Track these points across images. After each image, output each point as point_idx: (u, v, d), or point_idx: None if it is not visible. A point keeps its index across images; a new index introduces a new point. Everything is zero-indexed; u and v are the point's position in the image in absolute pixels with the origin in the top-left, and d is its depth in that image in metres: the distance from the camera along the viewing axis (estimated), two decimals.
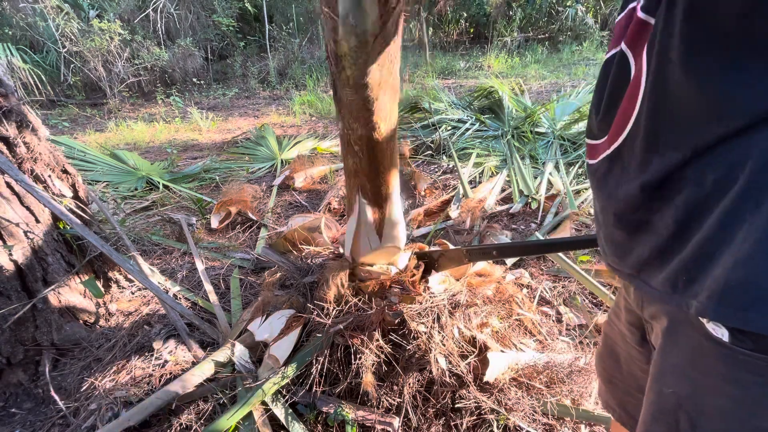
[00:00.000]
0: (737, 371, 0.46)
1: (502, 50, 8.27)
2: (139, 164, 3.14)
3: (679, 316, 0.53)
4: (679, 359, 0.53)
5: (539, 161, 3.14)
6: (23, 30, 6.02)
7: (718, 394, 0.49)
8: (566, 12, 8.88)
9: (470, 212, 2.35)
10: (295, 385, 1.30)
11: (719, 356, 0.47)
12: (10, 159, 1.44)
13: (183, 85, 6.86)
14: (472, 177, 3.00)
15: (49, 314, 1.47)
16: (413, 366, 1.23)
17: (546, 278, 1.91)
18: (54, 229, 1.54)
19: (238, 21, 7.61)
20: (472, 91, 4.62)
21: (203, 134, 4.59)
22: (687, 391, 0.52)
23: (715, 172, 0.46)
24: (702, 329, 0.48)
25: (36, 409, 1.40)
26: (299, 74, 6.98)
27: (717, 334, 0.46)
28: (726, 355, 0.46)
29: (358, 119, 1.01)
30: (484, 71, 7.20)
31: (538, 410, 1.23)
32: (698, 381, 0.51)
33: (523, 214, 2.51)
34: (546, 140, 3.44)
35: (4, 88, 1.45)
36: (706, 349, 0.48)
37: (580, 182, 2.77)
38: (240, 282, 1.90)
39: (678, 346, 0.53)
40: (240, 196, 2.56)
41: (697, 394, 0.51)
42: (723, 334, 0.45)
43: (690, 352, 0.51)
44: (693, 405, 0.52)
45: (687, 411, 0.53)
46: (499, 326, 1.37)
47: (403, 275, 1.32)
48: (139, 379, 1.36)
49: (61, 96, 6.12)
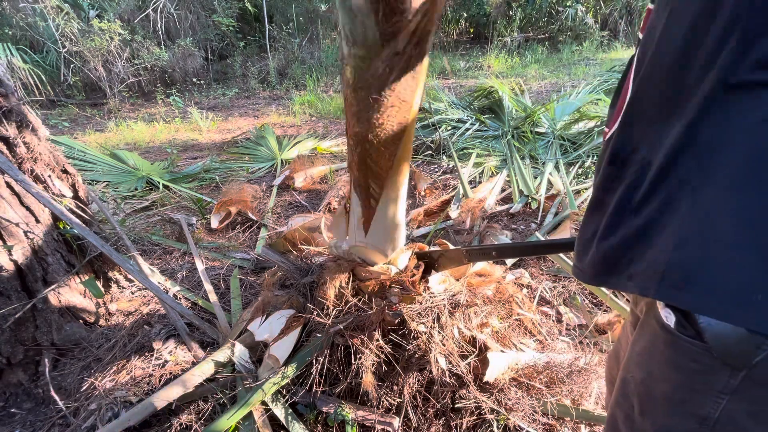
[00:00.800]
0: (680, 357, 0.47)
1: (502, 50, 8.26)
2: (139, 164, 3.14)
3: (650, 307, 0.54)
4: (641, 347, 0.55)
5: (539, 161, 3.14)
6: (23, 30, 6.02)
7: (663, 379, 0.50)
8: (566, 12, 8.88)
9: (470, 212, 2.35)
10: (295, 385, 1.30)
11: (667, 343, 0.49)
12: (10, 159, 1.44)
13: (183, 85, 6.86)
14: (472, 177, 3.00)
15: (49, 314, 1.47)
16: (413, 366, 1.23)
17: (546, 278, 1.91)
18: (54, 229, 1.54)
19: (238, 21, 7.61)
20: (472, 91, 4.61)
21: (203, 134, 4.59)
22: (641, 376, 0.54)
23: (659, 154, 0.48)
24: (658, 317, 0.50)
25: (36, 409, 1.40)
26: (299, 74, 6.98)
27: (667, 321, 0.48)
28: (672, 342, 0.48)
29: (355, 116, 1.01)
30: (484, 71, 7.20)
31: (538, 410, 1.23)
32: (650, 367, 0.53)
33: (523, 214, 2.51)
34: (546, 140, 3.44)
35: (4, 88, 1.45)
36: (659, 336, 0.50)
37: (580, 182, 2.77)
38: (240, 282, 1.90)
39: (643, 335, 0.55)
40: (240, 196, 2.56)
41: (647, 380, 0.53)
42: (671, 320, 0.47)
43: (648, 340, 0.53)
44: (644, 389, 0.54)
45: (639, 395, 0.55)
46: (499, 326, 1.37)
47: (403, 275, 1.31)
48: (139, 379, 1.36)
49: (61, 96, 6.11)
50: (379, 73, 0.89)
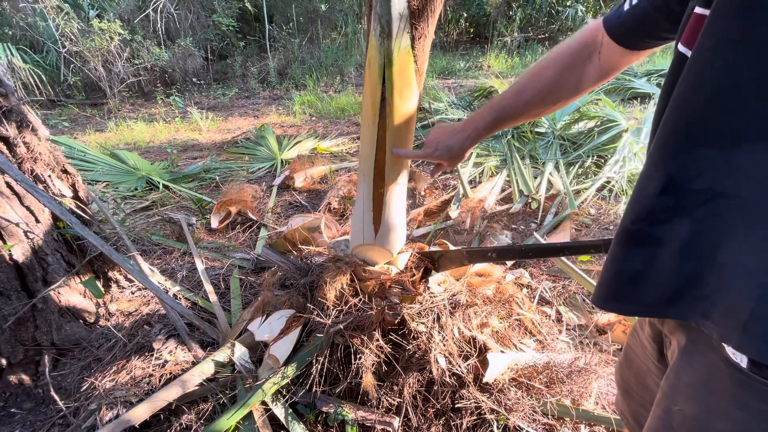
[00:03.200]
0: (749, 398, 0.45)
1: (502, 50, 8.26)
2: (139, 164, 3.14)
3: (697, 335, 0.52)
4: (693, 378, 0.52)
5: (539, 161, 3.14)
6: (23, 30, 6.02)
7: (724, 418, 0.48)
8: (566, 12, 8.88)
9: (470, 212, 2.35)
10: (295, 385, 1.30)
11: (734, 381, 0.46)
12: (10, 159, 1.44)
13: (183, 85, 6.86)
14: (472, 177, 3.00)
15: (49, 314, 1.47)
16: (413, 366, 1.23)
17: (546, 278, 1.91)
18: (54, 229, 1.54)
19: (238, 21, 7.61)
20: (472, 91, 4.61)
21: (203, 134, 4.59)
22: (694, 412, 0.51)
23: (741, 184, 0.43)
24: (721, 352, 0.47)
25: (36, 409, 1.40)
26: (299, 74, 6.97)
27: (736, 358, 0.45)
28: (741, 381, 0.45)
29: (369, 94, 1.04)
30: (484, 71, 7.20)
31: (538, 410, 1.23)
32: (708, 403, 0.50)
33: (523, 214, 2.51)
34: (546, 140, 3.44)
35: (4, 88, 1.45)
36: (722, 372, 0.47)
37: (580, 182, 2.77)
38: (240, 282, 1.90)
39: (693, 366, 0.52)
40: (240, 196, 2.56)
41: (704, 416, 0.50)
42: (741, 359, 0.45)
43: (705, 373, 0.50)
44: (697, 426, 0.51)
45: (690, 429, 0.52)
46: (499, 326, 1.37)
47: (403, 275, 1.32)
48: (139, 379, 1.36)
49: (61, 96, 6.11)
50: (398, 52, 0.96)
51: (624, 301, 0.55)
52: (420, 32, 0.96)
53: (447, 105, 4.24)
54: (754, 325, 0.42)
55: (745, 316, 0.42)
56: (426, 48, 1.02)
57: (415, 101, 1.07)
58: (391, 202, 1.20)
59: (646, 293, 0.52)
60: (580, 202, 2.47)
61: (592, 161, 3.05)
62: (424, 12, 0.93)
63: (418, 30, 0.96)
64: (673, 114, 0.47)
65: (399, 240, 1.29)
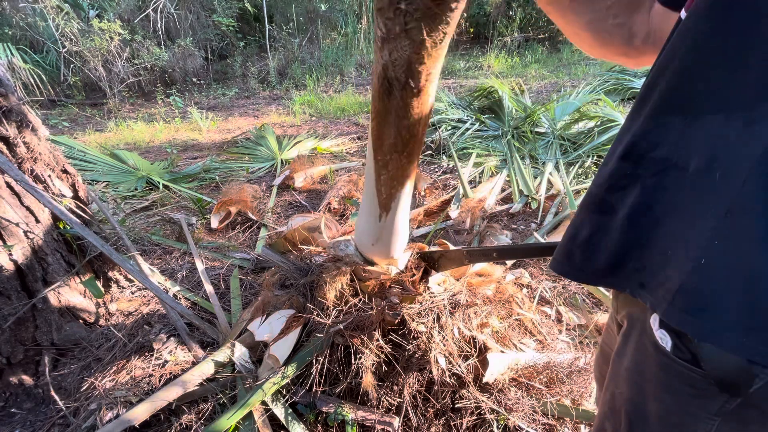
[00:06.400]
0: (675, 381, 0.47)
1: (502, 50, 8.26)
2: (139, 164, 3.14)
3: (635, 319, 0.53)
4: (629, 362, 0.54)
5: (539, 161, 3.14)
6: (23, 30, 6.02)
7: (654, 399, 0.50)
8: None
9: (470, 212, 2.35)
10: (295, 385, 1.30)
11: (661, 364, 0.48)
12: (10, 159, 1.44)
13: (183, 85, 6.86)
14: (472, 177, 3.00)
15: (49, 314, 1.47)
16: (413, 366, 1.23)
17: (546, 278, 1.91)
18: (54, 229, 1.54)
19: (238, 21, 7.61)
20: (472, 91, 4.61)
21: (203, 134, 4.59)
22: (630, 394, 0.53)
23: (692, 155, 0.43)
24: (651, 336, 0.48)
25: (36, 409, 1.40)
26: (299, 74, 6.98)
27: (662, 342, 0.47)
28: (666, 364, 0.47)
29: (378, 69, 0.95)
30: (484, 71, 7.20)
31: (538, 410, 1.23)
32: (640, 385, 0.52)
33: (523, 214, 2.51)
34: (546, 140, 3.44)
35: (4, 88, 1.45)
36: (651, 356, 0.49)
37: (580, 182, 2.77)
38: (240, 282, 1.90)
39: (629, 350, 0.54)
40: (240, 196, 2.56)
41: (637, 398, 0.52)
42: (667, 344, 0.46)
43: (637, 357, 0.52)
44: (633, 407, 0.53)
45: (628, 412, 0.54)
46: (499, 326, 1.37)
47: (403, 275, 1.32)
48: (139, 379, 1.36)
49: (61, 96, 6.11)
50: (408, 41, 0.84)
51: (572, 266, 0.56)
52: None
53: (447, 105, 4.24)
54: (681, 296, 0.42)
55: (675, 287, 0.43)
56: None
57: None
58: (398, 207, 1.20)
59: (593, 260, 0.53)
60: (580, 202, 2.47)
61: (592, 161, 3.05)
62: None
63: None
64: (652, 77, 0.48)
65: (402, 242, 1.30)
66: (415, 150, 1.07)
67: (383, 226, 1.21)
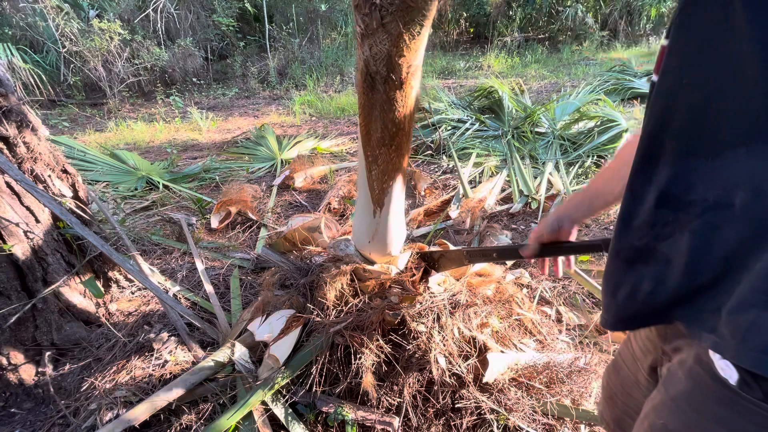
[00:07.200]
0: (737, 418, 0.44)
1: (502, 50, 8.26)
2: (139, 164, 3.14)
3: (688, 348, 0.51)
4: (678, 392, 0.51)
5: (539, 161, 3.14)
6: (23, 30, 6.02)
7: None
8: (566, 12, 8.88)
9: (470, 212, 2.35)
10: (295, 385, 1.30)
11: (720, 398, 0.45)
12: (10, 159, 1.44)
13: (183, 85, 6.85)
14: (472, 177, 3.00)
15: (49, 314, 1.47)
16: (413, 366, 1.23)
17: (546, 278, 1.91)
18: (54, 229, 1.54)
19: (238, 21, 7.61)
20: (472, 91, 4.61)
21: (203, 134, 4.59)
22: (677, 427, 0.50)
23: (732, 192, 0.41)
24: (709, 367, 0.45)
25: (36, 409, 1.40)
26: (299, 74, 6.97)
27: (724, 374, 0.43)
28: (729, 399, 0.44)
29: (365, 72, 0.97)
30: (484, 71, 7.20)
31: (538, 410, 1.23)
32: (691, 419, 0.49)
33: (523, 214, 2.51)
34: (546, 140, 3.44)
35: (4, 88, 1.45)
36: (708, 388, 0.46)
37: (580, 182, 2.77)
38: (240, 282, 1.90)
39: (680, 379, 0.51)
40: (240, 196, 2.56)
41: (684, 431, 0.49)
42: (731, 376, 0.43)
43: (690, 387, 0.49)
44: None
45: None
46: (499, 326, 1.37)
47: (403, 275, 1.32)
48: (139, 379, 1.36)
49: (61, 96, 6.11)
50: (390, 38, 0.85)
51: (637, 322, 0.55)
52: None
53: (447, 105, 4.24)
54: (755, 335, 0.40)
55: (747, 324, 0.40)
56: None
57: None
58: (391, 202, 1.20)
59: (657, 307, 0.51)
60: None
61: (592, 161, 3.05)
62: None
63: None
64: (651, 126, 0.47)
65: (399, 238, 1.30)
66: (404, 143, 1.07)
67: (378, 222, 1.21)
